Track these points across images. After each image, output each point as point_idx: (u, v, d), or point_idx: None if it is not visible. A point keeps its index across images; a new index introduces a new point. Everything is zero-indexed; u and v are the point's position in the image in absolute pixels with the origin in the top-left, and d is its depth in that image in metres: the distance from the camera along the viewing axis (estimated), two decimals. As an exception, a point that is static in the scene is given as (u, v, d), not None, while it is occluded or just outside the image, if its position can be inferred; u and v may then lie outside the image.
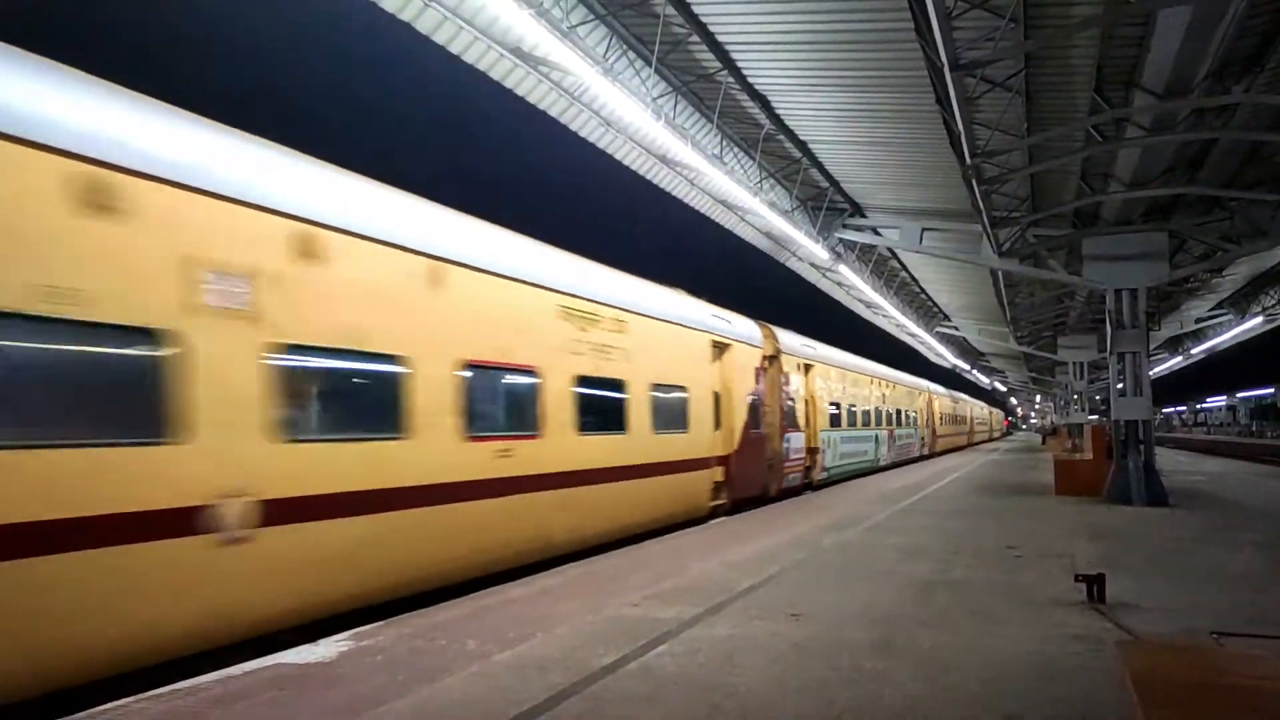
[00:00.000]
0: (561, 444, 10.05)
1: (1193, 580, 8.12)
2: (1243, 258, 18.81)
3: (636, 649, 5.74)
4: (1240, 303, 29.78)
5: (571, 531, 10.23)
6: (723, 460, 14.93)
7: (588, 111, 12.77)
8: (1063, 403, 48.96)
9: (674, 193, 16.99)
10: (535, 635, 6.16)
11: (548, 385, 9.89)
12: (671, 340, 13.52)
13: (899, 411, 32.22)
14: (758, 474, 16.68)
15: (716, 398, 15.01)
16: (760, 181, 16.19)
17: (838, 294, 28.68)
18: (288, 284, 6.59)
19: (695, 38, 11.27)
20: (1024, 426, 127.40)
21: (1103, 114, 11.91)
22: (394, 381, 7.65)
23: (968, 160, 12.34)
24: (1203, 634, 5.61)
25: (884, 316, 32.63)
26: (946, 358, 48.06)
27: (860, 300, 29.31)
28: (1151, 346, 27.34)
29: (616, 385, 11.56)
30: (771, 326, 18.65)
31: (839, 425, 23.54)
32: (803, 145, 15.47)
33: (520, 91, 11.93)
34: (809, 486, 20.35)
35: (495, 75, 11.41)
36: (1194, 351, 40.34)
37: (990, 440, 72.02)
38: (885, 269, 26.41)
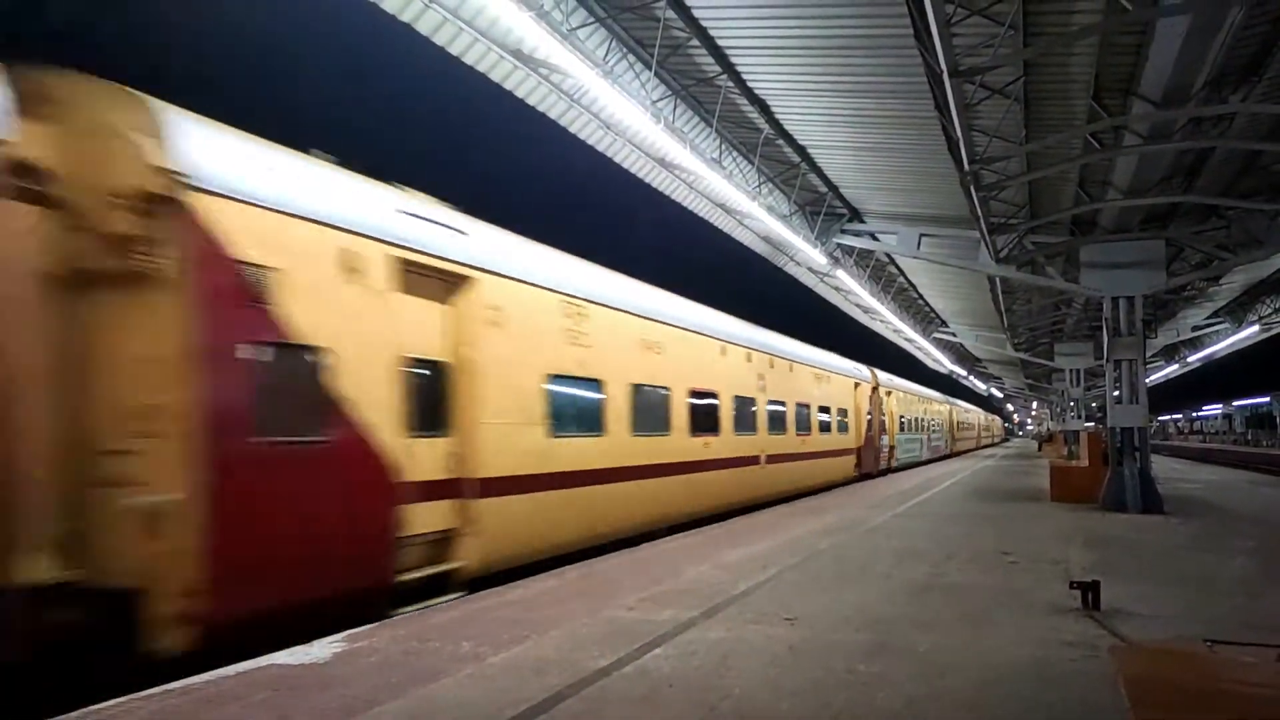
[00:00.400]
0: (785, 440, 19.35)
1: (1187, 587, 8.14)
2: (1239, 266, 18.86)
3: (632, 651, 5.74)
4: (1236, 311, 29.85)
5: (792, 484, 19.53)
6: (856, 451, 25.93)
7: (587, 114, 12.78)
8: (1059, 409, 49.02)
9: (673, 196, 17.00)
10: (530, 637, 6.16)
11: (766, 406, 18.12)
12: (839, 382, 24.81)
13: (934, 421, 43.22)
14: (870, 459, 27.37)
15: (854, 413, 25.87)
16: (759, 186, 16.22)
17: (835, 299, 28.71)
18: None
19: (695, 41, 11.29)
20: (1020, 433, 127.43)
21: (1101, 122, 11.94)
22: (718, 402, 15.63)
23: (966, 166, 12.37)
24: (1197, 640, 5.61)
25: (881, 322, 32.67)
26: (944, 363, 48.11)
27: (858, 305, 29.35)
28: (1148, 354, 27.40)
29: (821, 408, 22.52)
30: (872, 368, 29.36)
31: (903, 431, 33.99)
32: (801, 150, 15.50)
33: (520, 93, 11.94)
34: (886, 470, 29.67)
35: (495, 77, 11.42)
36: (1190, 359, 40.40)
37: (993, 445, 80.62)
38: (883, 274, 26.45)
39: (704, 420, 14.63)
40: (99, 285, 5.83)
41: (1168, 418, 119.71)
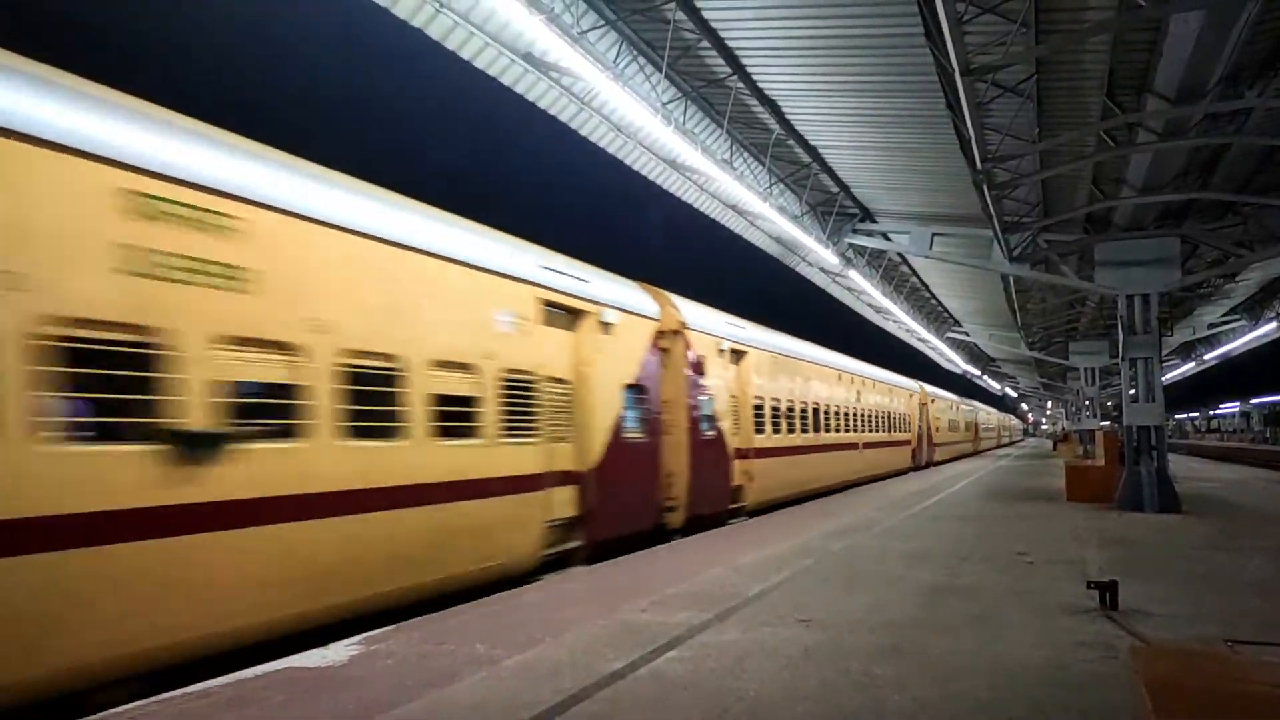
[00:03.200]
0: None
1: (1205, 587, 8.07)
2: (1256, 263, 18.69)
3: (646, 654, 5.73)
4: (1254, 308, 29.57)
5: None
6: (911, 447, 33.29)
7: (598, 116, 12.79)
8: (1074, 409, 48.70)
9: (684, 198, 17.00)
10: (544, 640, 6.16)
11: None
12: (901, 394, 31.98)
13: (963, 424, 51.80)
14: (921, 454, 34.84)
15: (911, 418, 33.58)
16: (770, 186, 16.19)
17: (847, 299, 28.64)
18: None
19: (705, 43, 11.28)
20: (1034, 433, 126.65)
21: (1114, 119, 11.87)
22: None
23: (978, 165, 12.31)
24: (1216, 641, 5.57)
25: (894, 322, 32.56)
26: (957, 363, 47.88)
27: (870, 305, 29.25)
28: (1164, 352, 27.18)
29: (891, 415, 30.15)
30: (920, 383, 36.67)
31: (940, 432, 40.85)
32: (813, 150, 15.46)
33: (531, 97, 11.96)
34: (929, 464, 35.89)
35: (506, 80, 11.44)
36: (1207, 357, 40.05)
37: (1010, 444, 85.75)
38: (895, 274, 26.35)
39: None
40: (924, 407, 34.76)
41: (1184, 416, 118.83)
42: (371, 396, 7.25)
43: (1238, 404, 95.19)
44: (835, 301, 28.85)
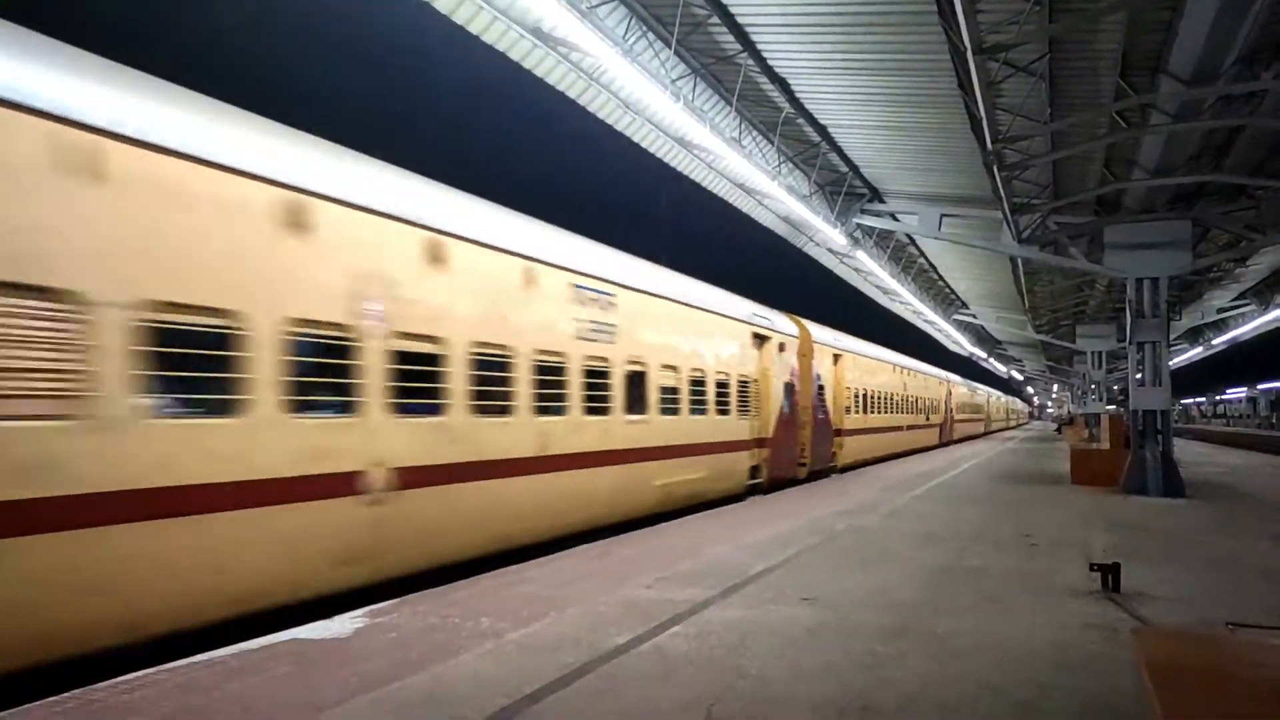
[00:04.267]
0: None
1: (1209, 571, 8.08)
2: (1267, 247, 18.57)
3: (650, 630, 5.77)
4: (1264, 293, 29.40)
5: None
6: (939, 427, 39.25)
7: (606, 93, 12.70)
8: (1080, 392, 48.62)
9: (692, 176, 16.92)
10: (549, 615, 6.20)
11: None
12: (934, 384, 38.16)
13: (978, 406, 58.88)
14: (945, 434, 40.44)
15: (940, 403, 39.34)
16: (779, 165, 16.09)
17: (855, 280, 28.54)
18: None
19: (715, 19, 11.18)
20: (1039, 416, 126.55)
21: (1127, 100, 11.75)
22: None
23: (989, 146, 12.22)
24: (1218, 624, 5.57)
25: (901, 303, 32.46)
26: (964, 345, 47.75)
27: (878, 286, 29.16)
28: (1172, 336, 27.08)
29: (926, 401, 36.06)
30: (947, 372, 43.85)
31: (958, 413, 46.48)
32: (822, 129, 15.35)
33: (539, 72, 11.88)
34: (949, 442, 41.41)
35: (514, 56, 11.37)
36: (1215, 342, 39.87)
37: (1018, 426, 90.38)
38: (903, 255, 26.24)
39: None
40: (950, 392, 42.43)
41: (1191, 401, 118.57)
42: (695, 393, 13.65)
43: (1245, 389, 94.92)
44: (842, 282, 28.77)
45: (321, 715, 4.25)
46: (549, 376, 9.67)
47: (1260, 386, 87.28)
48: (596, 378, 10.73)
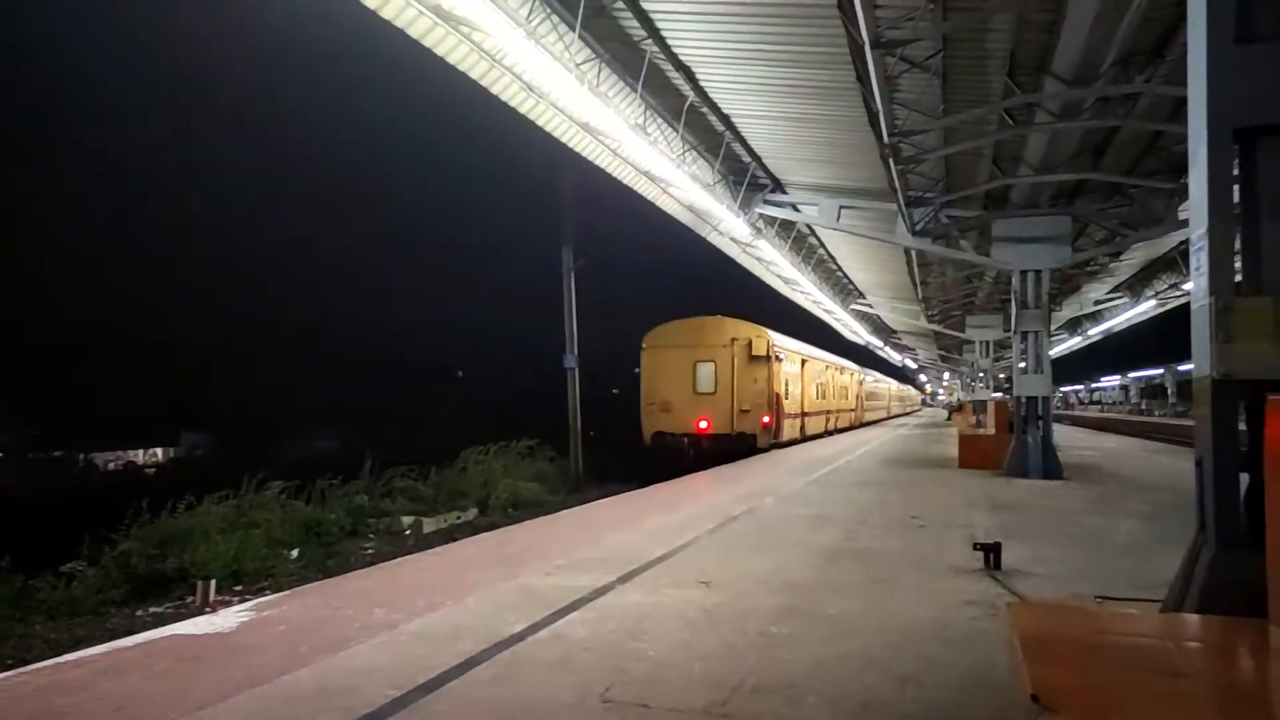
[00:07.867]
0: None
1: (1082, 548, 8.53)
2: (1139, 243, 19.68)
3: (547, 616, 5.74)
4: (1135, 286, 31.21)
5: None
6: (855, 412, 47.29)
7: (509, 75, 12.48)
8: (969, 380, 50.71)
9: (596, 162, 16.82)
10: (446, 604, 6.10)
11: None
12: (848, 378, 44.94)
13: (883, 394, 66.54)
14: (857, 417, 46.96)
15: (853, 393, 46.82)
16: (683, 154, 16.16)
17: (757, 269, 28.97)
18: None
19: (620, 3, 11.12)
20: (931, 403, 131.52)
21: (1015, 98, 12.23)
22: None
23: (885, 139, 12.54)
24: (1087, 597, 5.89)
25: (801, 293, 33.17)
26: (861, 335, 49.19)
27: (779, 276, 29.69)
28: (1053, 327, 28.54)
29: (844, 390, 46.41)
30: (860, 366, 52.97)
31: (869, 400, 54.41)
32: (726, 119, 15.48)
33: (440, 52, 11.56)
34: (860, 424, 47.68)
35: (413, 34, 11.03)
36: (1091, 333, 42.12)
37: (912, 413, 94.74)
38: (804, 246, 26.78)
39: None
40: (862, 384, 53.73)
41: (1070, 389, 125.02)
42: (843, 395, 39.65)
43: (1118, 378, 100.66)
44: (745, 272, 29.15)
45: (202, 713, 4.06)
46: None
47: (1132, 375, 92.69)
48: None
